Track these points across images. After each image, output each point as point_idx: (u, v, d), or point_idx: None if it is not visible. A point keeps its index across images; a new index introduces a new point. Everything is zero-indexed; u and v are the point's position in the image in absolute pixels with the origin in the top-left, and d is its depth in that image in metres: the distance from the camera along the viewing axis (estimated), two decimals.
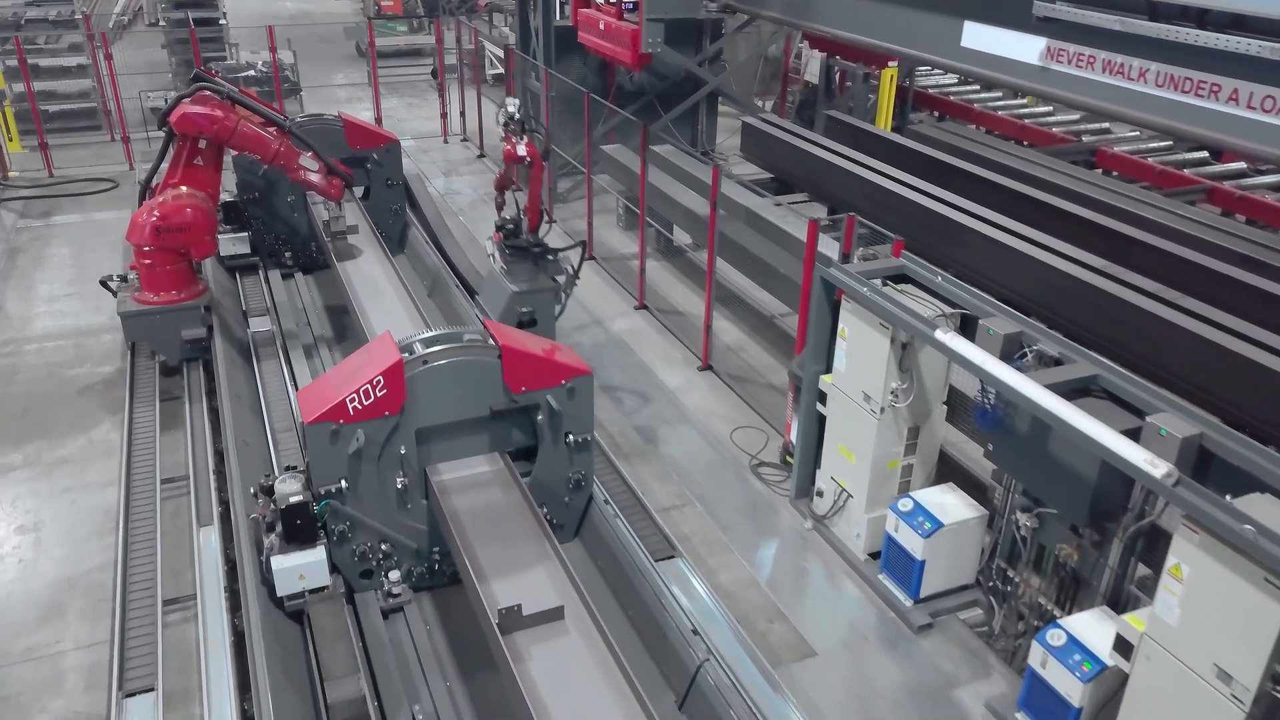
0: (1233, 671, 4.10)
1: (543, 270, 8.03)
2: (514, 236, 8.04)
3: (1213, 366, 6.38)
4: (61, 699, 5.51)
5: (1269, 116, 4.11)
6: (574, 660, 4.54)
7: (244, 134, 8.17)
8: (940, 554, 6.01)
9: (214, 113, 8.05)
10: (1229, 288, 7.73)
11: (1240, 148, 4.50)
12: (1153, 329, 6.89)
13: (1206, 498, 4.14)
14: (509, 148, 7.69)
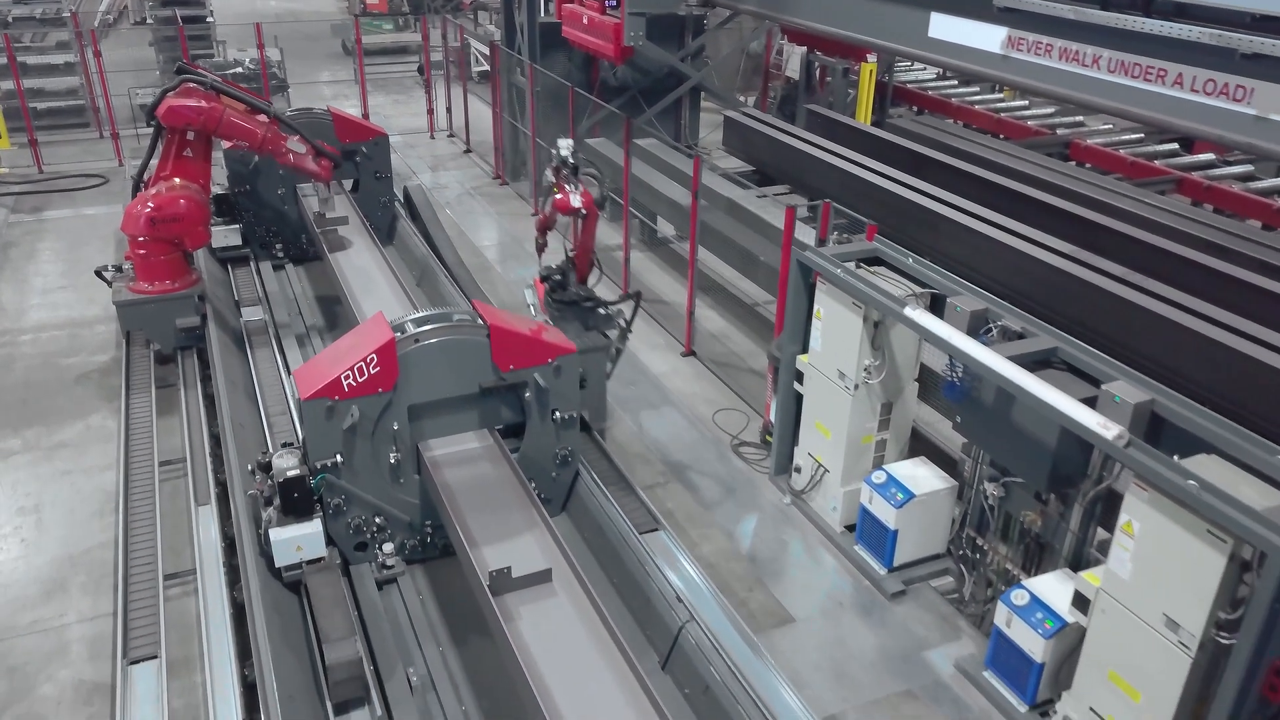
0: (1180, 620, 4.37)
1: (593, 326, 7.22)
2: (561, 289, 7.23)
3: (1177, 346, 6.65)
4: (67, 668, 5.71)
5: (1209, 99, 4.38)
6: (562, 620, 4.77)
7: (230, 123, 8.30)
8: (912, 524, 6.27)
9: (199, 104, 8.16)
10: (1193, 272, 8.01)
11: (1183, 128, 4.77)
12: (1118, 310, 7.15)
13: (1155, 457, 4.41)
14: (561, 198, 6.85)
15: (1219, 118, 4.43)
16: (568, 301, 7.19)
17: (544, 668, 4.47)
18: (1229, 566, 4.14)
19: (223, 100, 8.36)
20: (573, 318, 7.15)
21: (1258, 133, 4.25)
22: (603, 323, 7.24)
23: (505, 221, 12.94)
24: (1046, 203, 9.59)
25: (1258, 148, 4.36)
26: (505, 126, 14.09)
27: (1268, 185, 11.64)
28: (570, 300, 7.19)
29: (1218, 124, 4.45)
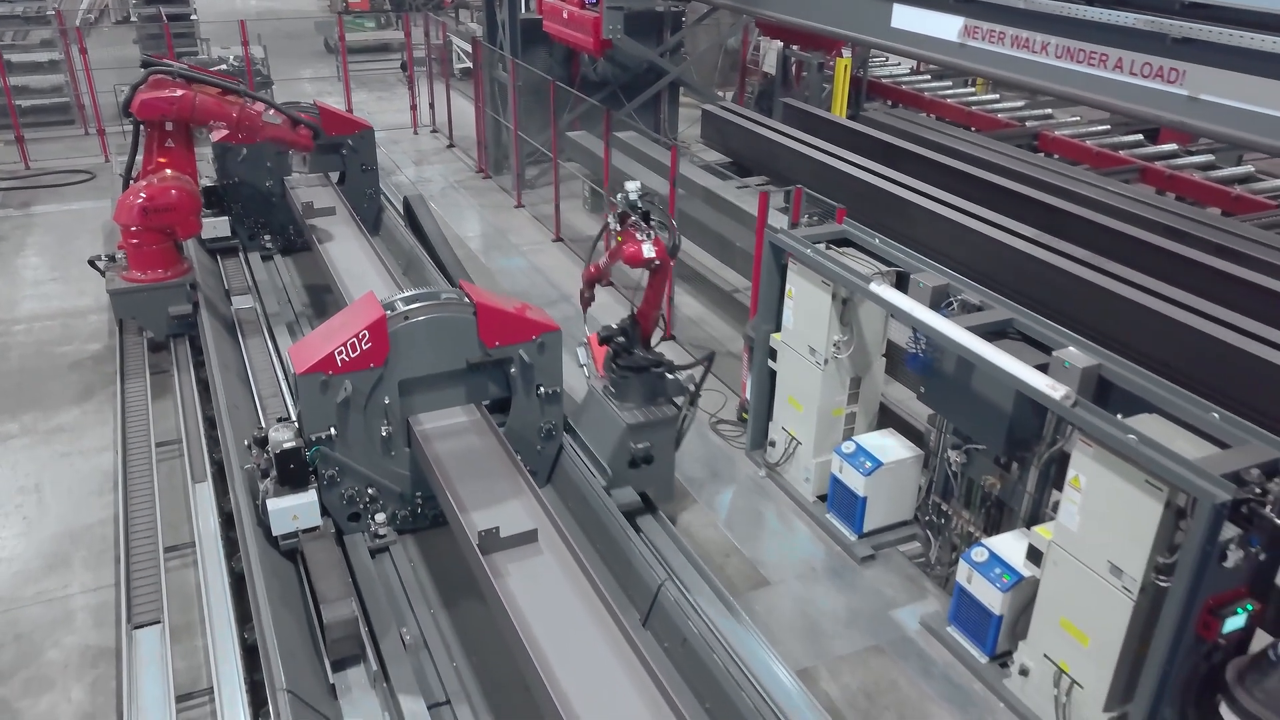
0: (1123, 566, 4.70)
1: (660, 394, 6.45)
2: (626, 353, 6.43)
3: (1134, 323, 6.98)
4: (72, 635, 5.95)
5: (1145, 80, 4.71)
6: (548, 576, 5.04)
7: (204, 107, 8.35)
8: (880, 491, 6.59)
9: (170, 94, 8.22)
10: (1153, 255, 8.38)
11: (1123, 109, 5.11)
12: (1078, 290, 7.50)
13: (1099, 415, 4.74)
14: (632, 248, 6.00)
15: (1155, 98, 4.76)
16: (635, 368, 6.38)
17: (532, 621, 4.74)
18: (1165, 514, 4.47)
19: (193, 86, 8.44)
20: (638, 386, 6.37)
21: (1189, 112, 4.58)
22: (671, 390, 6.47)
23: (488, 214, 13.20)
24: (1015, 191, 9.96)
25: (1190, 126, 4.69)
26: (488, 121, 14.35)
27: (1227, 174, 12.05)
28: (638, 367, 6.38)
29: (1154, 104, 4.78)
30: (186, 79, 8.45)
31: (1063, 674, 5.13)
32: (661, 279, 6.26)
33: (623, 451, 6.26)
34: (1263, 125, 4.28)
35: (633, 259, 6.02)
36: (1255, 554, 4.42)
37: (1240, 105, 4.36)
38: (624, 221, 6.09)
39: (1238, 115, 4.39)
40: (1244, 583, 4.55)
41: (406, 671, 5.33)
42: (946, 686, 5.66)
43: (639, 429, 6.27)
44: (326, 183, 10.59)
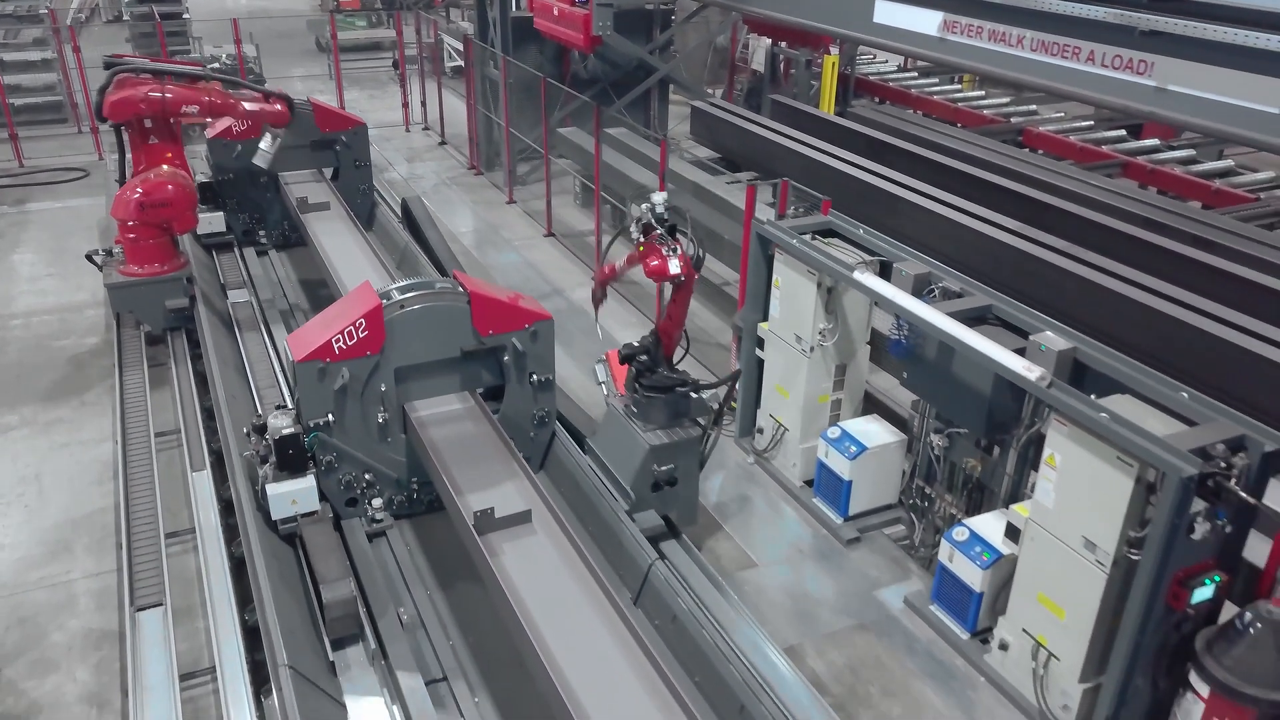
0: (1096, 540, 4.87)
1: (683, 413, 6.31)
2: (649, 372, 6.26)
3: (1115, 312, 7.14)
4: (76, 618, 6.08)
5: (1115, 72, 4.88)
6: (542, 555, 5.20)
7: (175, 98, 8.34)
8: (865, 475, 6.76)
9: (139, 91, 8.21)
10: (1134, 247, 8.56)
11: (1095, 100, 5.29)
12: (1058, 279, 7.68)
13: (1072, 395, 4.91)
14: (657, 262, 5.86)
15: (1125, 89, 4.93)
16: (660, 388, 6.21)
17: (527, 598, 4.89)
18: (1136, 489, 4.64)
19: (161, 80, 8.41)
20: (661, 406, 6.22)
21: (1158, 102, 4.75)
22: (695, 409, 6.36)
23: (480, 210, 13.34)
24: (999, 185, 10.13)
25: (1159, 115, 4.87)
26: (479, 118, 14.48)
27: (1207, 168, 12.25)
28: (664, 387, 6.21)
29: (1124, 95, 4.95)
30: (151, 73, 8.45)
31: (1040, 647, 5.30)
32: (686, 294, 6.08)
33: (645, 474, 6.11)
34: (1227, 114, 4.45)
35: (657, 274, 5.92)
36: (1222, 527, 4.59)
37: (1205, 95, 4.53)
38: (647, 233, 5.95)
39: (1203, 105, 4.57)
40: (1212, 555, 4.73)
41: (404, 649, 5.47)
42: (929, 662, 5.83)
43: (662, 450, 6.10)
44: (320, 178, 10.72)
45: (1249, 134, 4.34)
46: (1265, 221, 10.47)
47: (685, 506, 6.40)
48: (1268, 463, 4.54)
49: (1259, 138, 4.32)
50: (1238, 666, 4.55)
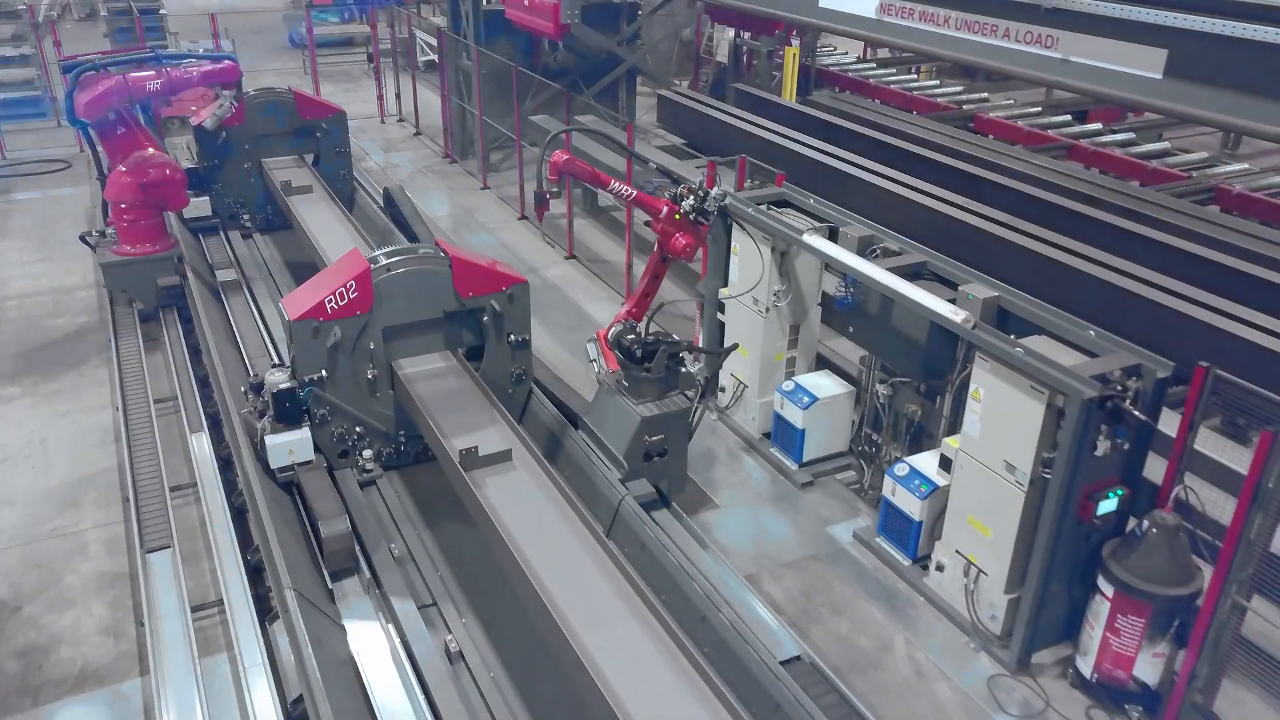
0: (1016, 463, 5.48)
1: (672, 386, 6.59)
2: (644, 359, 6.51)
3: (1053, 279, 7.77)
4: (89, 563, 6.54)
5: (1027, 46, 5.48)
6: (523, 489, 5.72)
7: (133, 85, 8.72)
8: (817, 424, 7.34)
9: (102, 87, 8.58)
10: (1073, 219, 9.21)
11: (1012, 72, 5.89)
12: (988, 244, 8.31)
13: (993, 334, 5.51)
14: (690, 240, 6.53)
15: (1035, 62, 5.53)
16: (650, 347, 6.51)
17: (510, 525, 5.40)
18: (1047, 414, 5.25)
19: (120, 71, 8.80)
20: (651, 379, 6.52)
21: (1063, 72, 5.35)
22: (683, 383, 6.66)
23: (456, 195, 13.83)
24: (952, 166, 10.77)
25: (1064, 84, 5.46)
26: (453, 108, 14.96)
27: (1145, 150, 12.97)
28: (654, 347, 6.50)
29: (1034, 67, 5.55)
30: (108, 66, 8.80)
31: (971, 565, 5.90)
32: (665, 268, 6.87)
33: (638, 445, 6.37)
34: (1118, 80, 5.05)
35: (683, 253, 6.58)
36: (1121, 445, 5.21)
37: (1101, 64, 5.13)
38: (694, 215, 6.48)
39: (1099, 73, 5.16)
40: (1115, 472, 5.35)
41: (397, 579, 6.00)
42: (874, 586, 6.43)
43: (654, 421, 6.39)
44: (302, 164, 11.18)
45: (1136, 97, 4.94)
46: (1197, 197, 11.19)
47: (675, 476, 6.76)
48: (1161, 388, 5.16)
49: (1144, 100, 4.92)
50: (1137, 568, 5.17)
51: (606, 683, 4.25)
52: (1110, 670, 5.40)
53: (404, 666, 5.36)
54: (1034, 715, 5.50)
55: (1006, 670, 5.76)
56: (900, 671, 5.78)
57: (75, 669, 5.70)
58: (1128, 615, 5.22)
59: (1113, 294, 7.00)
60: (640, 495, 6.42)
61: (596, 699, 4.23)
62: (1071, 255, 7.67)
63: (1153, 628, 5.20)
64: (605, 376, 6.93)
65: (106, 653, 5.82)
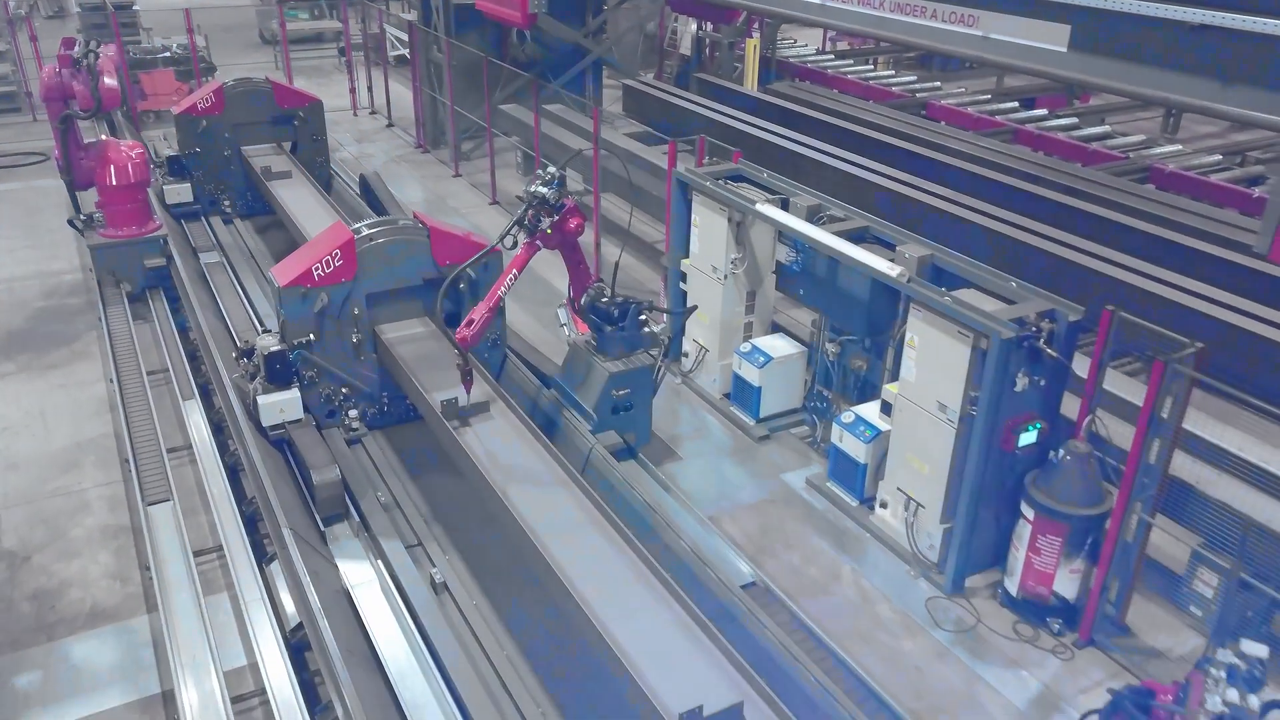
0: (946, 402, 6.05)
1: (638, 345, 7.09)
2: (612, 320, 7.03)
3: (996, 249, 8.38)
4: (92, 518, 6.98)
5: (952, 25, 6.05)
6: (501, 435, 6.22)
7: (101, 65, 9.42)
8: (773, 381, 7.90)
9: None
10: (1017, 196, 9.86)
11: (940, 49, 6.47)
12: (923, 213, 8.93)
13: (925, 286, 6.09)
14: (577, 220, 6.66)
15: (959, 39, 6.10)
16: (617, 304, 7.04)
17: (491, 466, 5.91)
18: (973, 355, 5.83)
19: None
20: (619, 340, 7.04)
21: (984, 48, 5.92)
22: (647, 342, 7.17)
23: (429, 183, 14.29)
24: (904, 149, 11.40)
25: (986, 60, 6.03)
26: (425, 99, 15.41)
27: (1087, 133, 13.69)
28: (620, 305, 7.02)
29: (959, 44, 6.13)
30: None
31: (910, 500, 6.48)
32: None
33: (606, 399, 6.92)
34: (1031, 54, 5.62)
35: (579, 229, 6.78)
36: (1038, 381, 5.80)
37: (1015, 40, 5.71)
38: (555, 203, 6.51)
39: (1015, 48, 5.74)
40: (1034, 408, 5.94)
41: (385, 522, 6.48)
42: (824, 524, 6.99)
43: (620, 377, 6.95)
44: (281, 151, 11.59)
45: (1045, 68, 5.52)
46: (1134, 176, 11.89)
47: (641, 428, 7.30)
48: (1073, 330, 5.76)
49: (1052, 70, 5.50)
50: (1054, 491, 5.76)
51: (577, 589, 4.78)
52: (1033, 587, 5.99)
53: (394, 597, 5.85)
54: (966, 630, 6.09)
55: (942, 593, 6.35)
56: (847, 596, 6.35)
57: (85, 608, 6.14)
58: (1047, 535, 5.81)
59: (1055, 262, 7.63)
60: (609, 445, 6.95)
61: (569, 603, 4.76)
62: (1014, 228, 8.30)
63: (1069, 546, 5.79)
64: (575, 339, 7.43)
65: (114, 594, 6.27)
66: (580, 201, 12.76)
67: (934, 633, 6.07)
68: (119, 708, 5.43)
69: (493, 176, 13.33)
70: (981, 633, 6.08)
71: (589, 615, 4.65)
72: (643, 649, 4.46)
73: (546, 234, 6.49)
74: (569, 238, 6.70)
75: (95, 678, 5.63)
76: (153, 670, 5.68)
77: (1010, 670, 5.79)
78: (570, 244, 6.86)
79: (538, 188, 6.39)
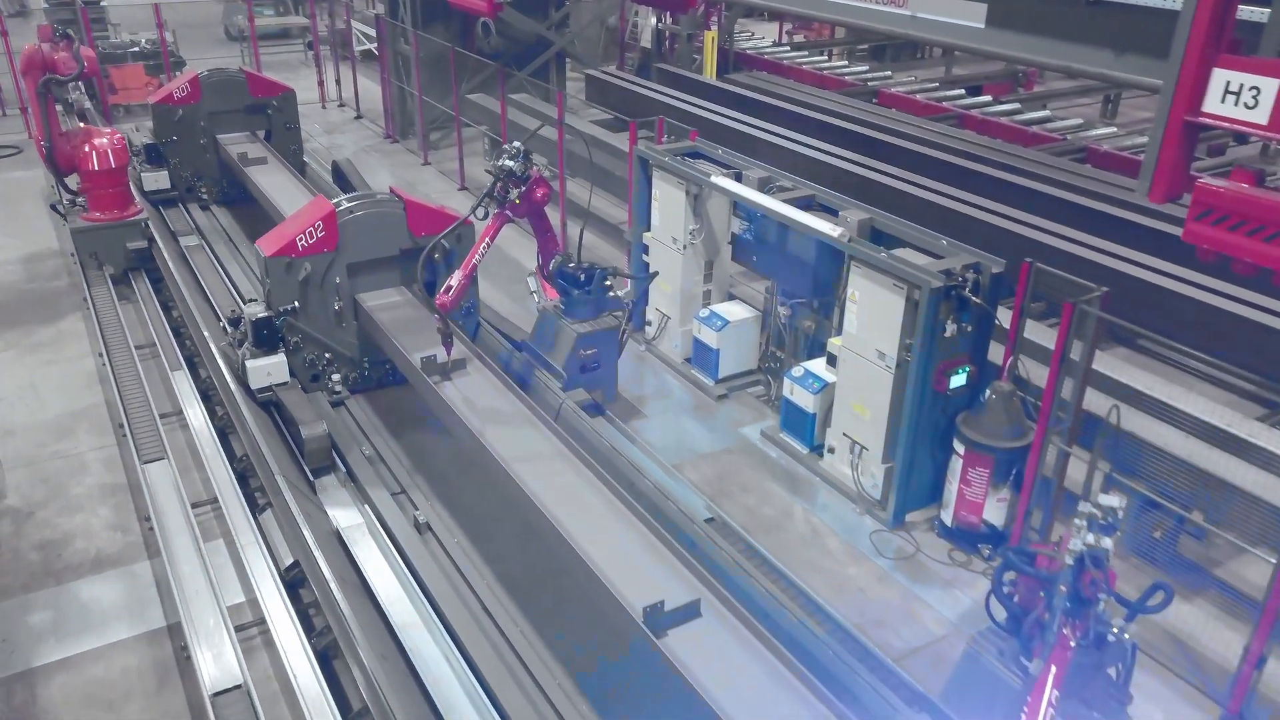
0: (885, 350, 6.64)
1: (603, 308, 7.62)
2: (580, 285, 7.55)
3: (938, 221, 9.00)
4: (90, 477, 7.38)
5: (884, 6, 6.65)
6: (477, 387, 6.72)
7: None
8: (729, 344, 8.46)
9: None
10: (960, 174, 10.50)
11: (875, 29, 7.06)
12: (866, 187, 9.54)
13: (864, 245, 6.67)
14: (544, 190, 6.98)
15: (893, 19, 6.70)
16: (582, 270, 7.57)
17: (470, 414, 6.40)
18: (907, 306, 6.42)
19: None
20: (586, 303, 7.55)
21: (913, 26, 6.51)
22: (612, 305, 7.68)
23: (399, 171, 14.71)
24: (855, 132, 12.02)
25: (914, 37, 6.62)
26: (393, 90, 15.83)
27: (1029, 117, 14.39)
28: (585, 270, 7.57)
29: (893, 24, 6.73)
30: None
31: (855, 443, 7.06)
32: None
33: (575, 357, 7.41)
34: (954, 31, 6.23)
35: (546, 198, 7.11)
36: (965, 327, 6.40)
37: (940, 18, 6.31)
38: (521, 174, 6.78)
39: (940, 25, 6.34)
40: (964, 352, 6.54)
41: (370, 473, 6.96)
42: (778, 470, 7.56)
43: (588, 337, 7.45)
44: (256, 139, 11.98)
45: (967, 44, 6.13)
46: (1073, 156, 12.59)
47: (608, 386, 7.79)
48: (996, 280, 6.36)
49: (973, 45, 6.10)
50: (980, 427, 6.37)
51: (551, 511, 5.30)
52: (965, 517, 6.60)
53: (381, 537, 6.35)
54: (906, 558, 6.68)
55: (885, 527, 6.94)
56: (798, 531, 6.92)
57: (90, 556, 6.56)
58: (976, 468, 6.42)
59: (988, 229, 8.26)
60: (578, 401, 7.47)
61: (543, 523, 5.28)
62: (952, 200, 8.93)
63: (996, 477, 6.40)
64: (545, 305, 7.94)
65: (116, 543, 6.70)
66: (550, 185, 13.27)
67: (877, 560, 6.66)
68: (128, 639, 5.86)
69: (461, 163, 13.80)
70: (920, 560, 6.67)
71: (561, 532, 5.18)
72: (610, 560, 4.99)
73: (515, 204, 6.93)
74: (536, 207, 7.15)
75: (104, 615, 6.06)
76: (157, 606, 6.12)
77: (945, 590, 6.39)
78: (538, 213, 7.33)
79: (505, 161, 6.84)
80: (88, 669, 5.65)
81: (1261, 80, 4.04)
